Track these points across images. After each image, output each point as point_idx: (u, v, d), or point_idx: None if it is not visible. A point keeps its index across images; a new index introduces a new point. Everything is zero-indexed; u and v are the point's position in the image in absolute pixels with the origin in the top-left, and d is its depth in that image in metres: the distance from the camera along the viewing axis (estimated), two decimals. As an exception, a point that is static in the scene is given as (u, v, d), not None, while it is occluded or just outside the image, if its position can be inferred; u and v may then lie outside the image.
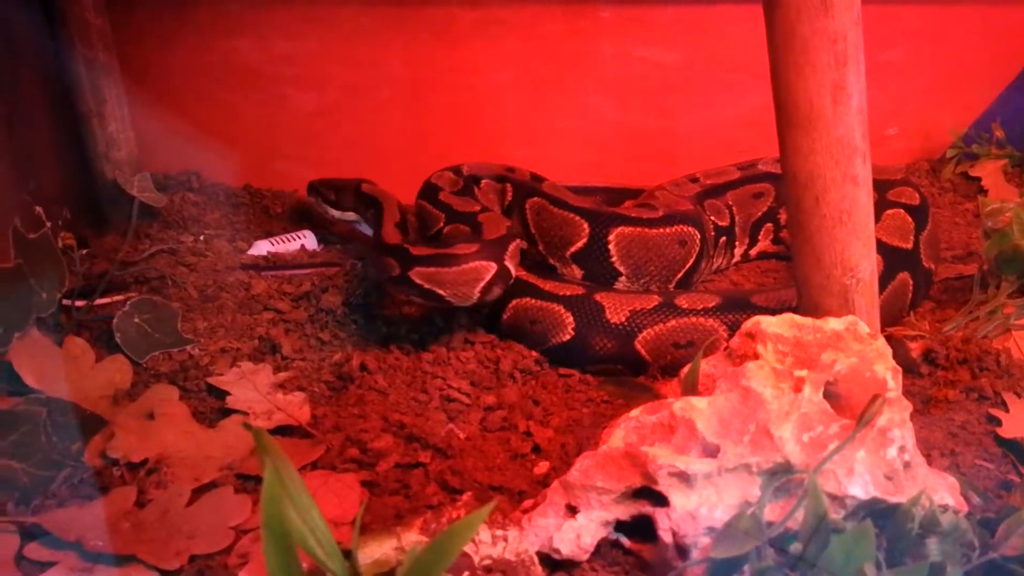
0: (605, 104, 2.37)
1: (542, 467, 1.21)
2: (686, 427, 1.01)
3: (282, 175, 2.10)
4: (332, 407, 1.37)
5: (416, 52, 2.27)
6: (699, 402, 1.03)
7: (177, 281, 1.66)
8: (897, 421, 1.00)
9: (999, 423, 1.31)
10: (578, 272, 1.71)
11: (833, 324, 1.15)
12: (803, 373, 1.03)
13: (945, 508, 0.98)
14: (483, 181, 1.85)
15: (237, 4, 2.16)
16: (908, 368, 1.44)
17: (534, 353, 1.54)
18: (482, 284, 1.50)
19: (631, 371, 1.49)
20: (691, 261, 1.73)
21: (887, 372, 1.04)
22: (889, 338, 1.48)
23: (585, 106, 2.37)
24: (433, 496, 1.15)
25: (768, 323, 1.13)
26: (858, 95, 1.17)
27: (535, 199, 1.76)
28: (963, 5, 2.31)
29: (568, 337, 1.51)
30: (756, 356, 1.11)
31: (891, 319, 1.57)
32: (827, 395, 1.04)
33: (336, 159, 2.24)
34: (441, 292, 1.50)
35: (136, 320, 1.48)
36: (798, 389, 1.01)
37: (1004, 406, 1.35)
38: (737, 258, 1.96)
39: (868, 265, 1.25)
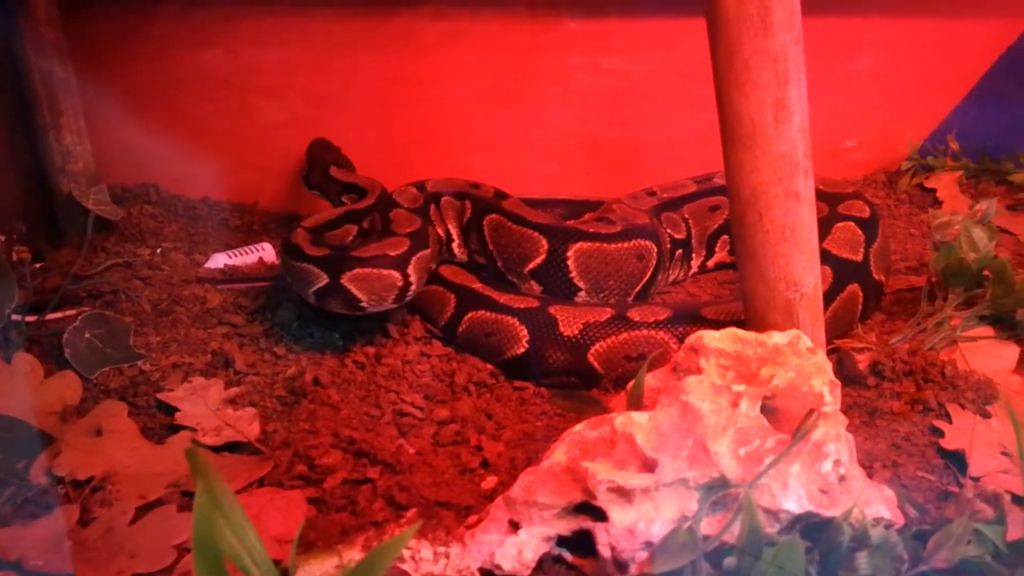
0: (568, 116, 2.38)
1: (490, 482, 1.21)
2: (626, 442, 1.02)
3: (242, 187, 2.10)
4: (283, 422, 1.37)
5: (383, 63, 2.27)
6: (640, 417, 1.04)
7: (131, 295, 1.65)
8: (832, 435, 1.01)
9: (942, 435, 1.33)
10: (537, 288, 1.71)
11: (776, 338, 1.16)
12: (741, 388, 1.04)
13: (878, 522, 1.00)
14: (443, 199, 1.84)
15: (203, 14, 2.16)
16: (855, 380, 1.46)
17: (489, 366, 1.55)
18: (312, 290, 1.53)
19: (585, 383, 1.50)
20: (648, 274, 1.74)
21: (824, 386, 1.06)
22: (837, 350, 1.52)
23: (548, 118, 2.37)
24: (380, 512, 1.15)
25: (711, 338, 1.15)
26: (800, 112, 1.18)
27: (493, 216, 1.75)
28: (920, 18, 2.34)
29: (522, 350, 1.51)
30: (700, 370, 1.13)
31: (840, 331, 1.59)
32: (765, 409, 1.05)
33: (299, 170, 2.24)
34: (290, 282, 1.59)
35: (87, 335, 1.47)
36: (736, 404, 1.03)
37: (948, 417, 1.37)
38: (694, 269, 1.98)
39: (812, 279, 1.27)
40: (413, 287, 1.59)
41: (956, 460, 1.29)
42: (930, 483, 1.24)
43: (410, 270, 1.57)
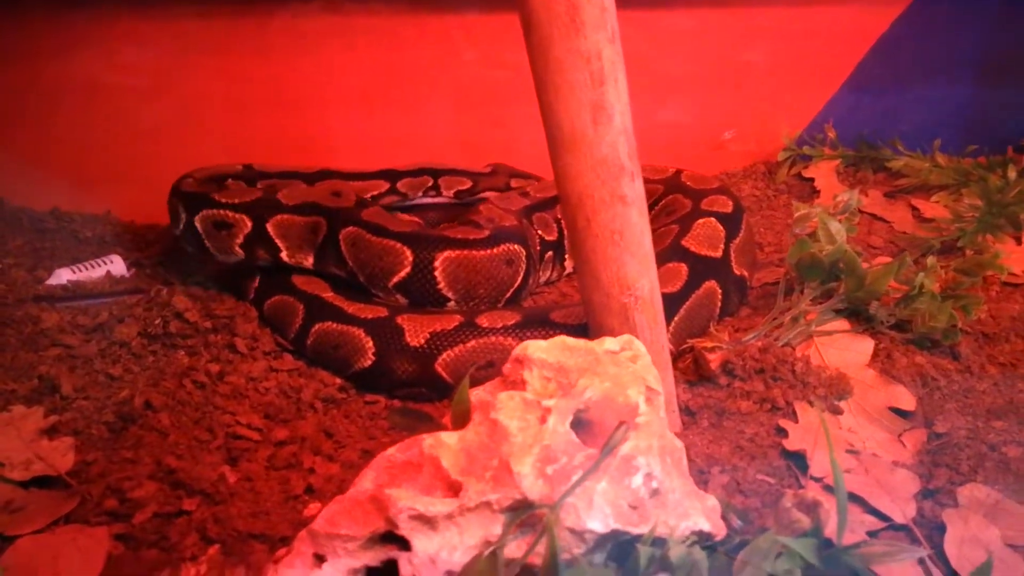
0: (450, 114, 2.33)
1: (313, 509, 1.15)
2: (432, 465, 0.98)
3: (95, 197, 1.99)
4: (105, 452, 1.29)
5: (251, 63, 2.18)
6: (449, 438, 1.00)
7: (-44, 318, 1.55)
8: (643, 448, 0.98)
9: (786, 435, 1.31)
10: (403, 301, 1.63)
11: (608, 344, 1.13)
12: (551, 403, 1.00)
13: (695, 535, 0.97)
14: (275, 217, 1.70)
15: (71, 17, 2.04)
16: (708, 379, 1.45)
17: (338, 380, 1.49)
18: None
19: (436, 394, 1.45)
20: (519, 279, 1.68)
21: (640, 396, 1.02)
22: (691, 349, 1.50)
23: (429, 115, 2.32)
24: (191, 548, 1.09)
25: (535, 348, 1.10)
26: (620, 114, 1.15)
27: (350, 228, 1.64)
28: (794, 7, 2.35)
29: (369, 363, 1.45)
30: (524, 383, 1.09)
31: (699, 328, 1.57)
32: (580, 423, 1.01)
33: (167, 176, 2.13)
34: None
35: None
36: (544, 420, 0.98)
37: (794, 416, 1.35)
38: (569, 270, 1.94)
39: (647, 282, 1.24)
40: None
41: (799, 461, 1.27)
42: (770, 487, 1.22)
43: None
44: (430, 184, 2.09)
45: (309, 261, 1.70)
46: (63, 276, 1.74)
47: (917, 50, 2.44)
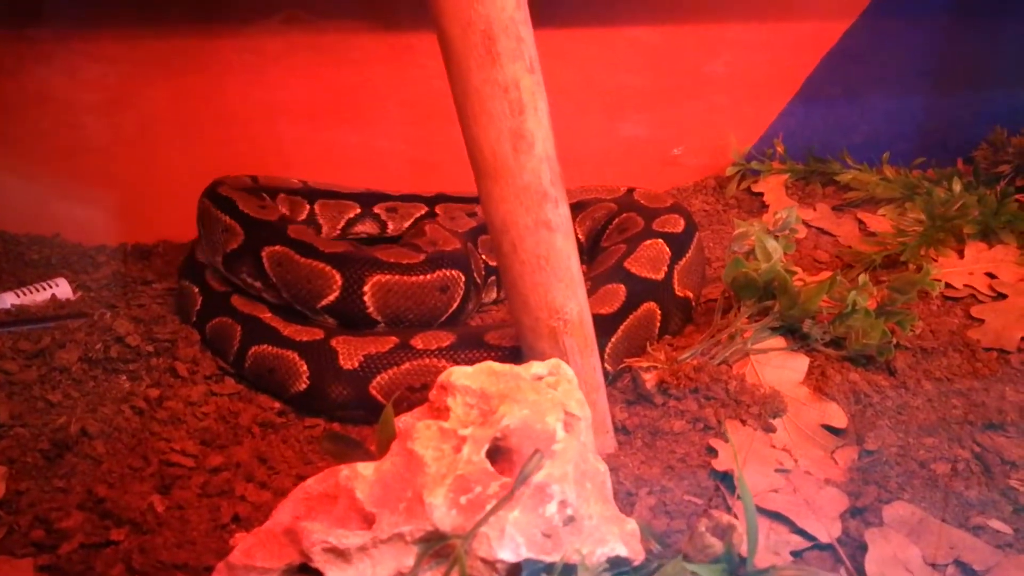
0: (408, 129, 2.34)
1: (238, 539, 1.15)
2: (347, 497, 0.98)
3: (45, 218, 1.98)
4: (37, 481, 1.29)
5: (210, 81, 2.18)
6: (364, 469, 1.01)
7: None
8: (558, 475, 0.99)
9: (716, 454, 1.33)
10: (332, 323, 1.63)
11: (536, 368, 1.14)
12: (467, 431, 1.01)
13: (599, 565, 0.98)
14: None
15: (26, 33, 2.03)
16: (644, 399, 1.46)
17: (277, 404, 1.50)
18: None
19: (374, 418, 1.45)
20: (455, 305, 1.67)
21: (558, 423, 1.04)
22: (628, 369, 1.52)
23: (389, 131, 2.33)
24: (117, 578, 1.09)
25: (460, 374, 1.11)
26: (542, 141, 1.16)
27: (276, 248, 1.62)
28: (745, 21, 2.37)
29: (304, 386, 1.46)
30: (448, 410, 1.10)
31: (638, 348, 1.58)
32: (498, 451, 1.02)
33: (118, 195, 2.13)
34: None
35: None
36: (459, 449, 1.00)
37: (725, 436, 1.37)
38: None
39: (575, 306, 1.26)
40: None
41: (727, 481, 1.29)
42: (696, 507, 1.24)
43: None
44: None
45: (218, 259, 1.70)
46: (7, 300, 1.73)
47: (867, 63, 2.47)
